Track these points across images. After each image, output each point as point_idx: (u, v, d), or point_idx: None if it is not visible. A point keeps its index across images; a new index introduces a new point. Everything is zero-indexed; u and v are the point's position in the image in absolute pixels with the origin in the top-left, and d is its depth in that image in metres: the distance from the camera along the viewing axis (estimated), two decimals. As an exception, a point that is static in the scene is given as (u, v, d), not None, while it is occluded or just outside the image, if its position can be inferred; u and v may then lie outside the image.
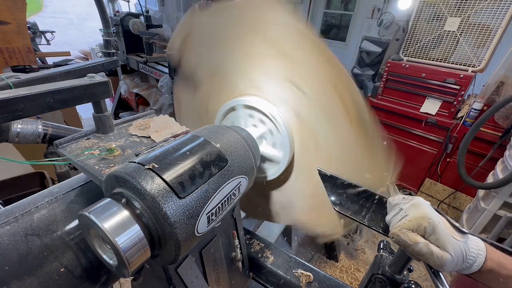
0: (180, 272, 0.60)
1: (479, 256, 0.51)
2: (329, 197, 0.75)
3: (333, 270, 2.35)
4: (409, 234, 0.52)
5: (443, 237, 0.50)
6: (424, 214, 0.52)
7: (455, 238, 0.51)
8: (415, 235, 0.51)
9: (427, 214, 0.52)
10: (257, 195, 1.02)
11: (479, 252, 0.51)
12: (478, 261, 0.51)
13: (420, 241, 0.51)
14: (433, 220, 0.51)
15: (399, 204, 0.58)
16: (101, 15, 1.65)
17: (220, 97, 0.94)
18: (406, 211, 0.55)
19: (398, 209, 0.57)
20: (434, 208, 0.55)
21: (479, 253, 0.51)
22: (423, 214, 0.52)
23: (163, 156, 0.51)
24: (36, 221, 0.54)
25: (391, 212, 0.59)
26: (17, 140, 1.04)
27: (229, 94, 0.91)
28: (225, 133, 0.66)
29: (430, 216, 0.52)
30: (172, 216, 0.44)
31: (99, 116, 0.70)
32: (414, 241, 0.51)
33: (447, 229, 0.51)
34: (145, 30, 3.55)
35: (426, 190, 2.97)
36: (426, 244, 0.50)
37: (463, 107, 2.75)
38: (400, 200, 0.60)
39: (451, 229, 0.52)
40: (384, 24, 4.63)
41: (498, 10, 2.27)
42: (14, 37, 2.17)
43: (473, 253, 0.51)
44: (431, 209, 0.54)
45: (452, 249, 0.49)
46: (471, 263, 0.51)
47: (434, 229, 0.50)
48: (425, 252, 0.50)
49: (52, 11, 10.46)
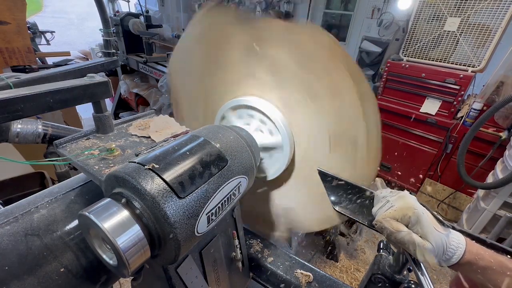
0: (180, 272, 0.60)
1: (459, 248, 0.53)
2: (329, 197, 0.75)
3: (333, 270, 2.35)
4: (392, 223, 0.54)
5: (426, 228, 0.52)
6: (410, 205, 0.54)
7: (438, 230, 0.53)
8: (398, 224, 0.54)
9: (412, 204, 0.54)
10: (258, 203, 1.02)
11: (459, 245, 0.53)
12: (458, 253, 0.53)
13: (403, 229, 0.53)
14: (418, 210, 0.53)
15: (386, 197, 0.61)
16: (101, 15, 1.65)
17: (220, 97, 0.94)
18: (392, 202, 0.57)
19: (385, 201, 0.59)
20: (420, 203, 0.57)
21: (459, 246, 0.53)
22: (409, 205, 0.54)
23: (163, 156, 0.51)
24: (36, 221, 0.54)
25: (378, 204, 0.61)
26: (17, 140, 1.04)
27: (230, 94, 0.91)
28: (225, 133, 0.66)
29: (415, 207, 0.54)
30: (172, 216, 0.44)
31: (99, 116, 0.70)
32: (397, 229, 0.53)
33: (431, 220, 0.53)
34: (145, 30, 3.55)
35: (426, 190, 2.98)
36: (408, 233, 0.52)
37: (463, 107, 2.75)
38: (388, 193, 0.62)
39: (434, 222, 0.54)
40: (384, 24, 4.63)
41: (498, 10, 2.27)
42: (14, 37, 2.17)
43: (453, 245, 0.53)
44: (417, 202, 0.56)
45: (434, 240, 0.51)
46: (451, 255, 0.53)
47: (418, 219, 0.52)
48: (407, 240, 0.52)
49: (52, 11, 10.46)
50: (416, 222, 0.53)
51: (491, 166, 2.41)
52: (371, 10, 5.34)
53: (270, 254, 0.91)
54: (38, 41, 4.39)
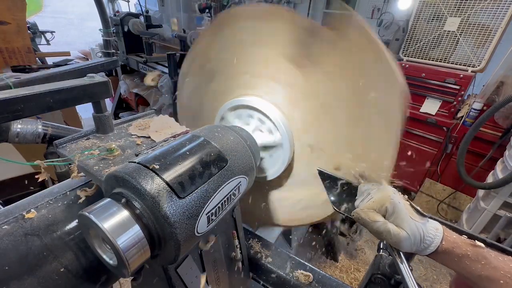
0: (180, 272, 0.60)
1: (436, 236, 0.54)
2: (328, 197, 0.75)
3: (333, 270, 2.35)
4: (369, 213, 0.56)
5: (401, 216, 0.53)
6: (387, 196, 0.56)
7: (414, 219, 0.54)
8: (375, 214, 0.55)
9: (389, 195, 0.56)
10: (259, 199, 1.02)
11: (436, 233, 0.54)
12: (435, 242, 0.54)
13: (379, 219, 0.55)
14: (394, 200, 0.55)
15: (368, 190, 0.63)
16: (101, 15, 1.65)
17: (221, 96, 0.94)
18: (372, 194, 0.59)
19: (367, 194, 0.61)
20: (402, 195, 0.59)
21: (437, 234, 0.54)
22: (386, 196, 0.56)
23: (163, 156, 0.51)
24: (36, 221, 0.54)
25: (360, 197, 0.63)
26: (17, 140, 1.04)
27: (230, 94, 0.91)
28: (225, 133, 0.66)
29: (392, 197, 0.56)
30: (172, 216, 0.44)
31: (99, 116, 0.70)
32: (373, 220, 0.55)
33: (407, 210, 0.55)
34: (145, 30, 3.55)
35: (426, 190, 2.97)
36: (384, 223, 0.54)
37: (463, 107, 2.75)
38: (370, 186, 0.64)
39: (411, 211, 0.56)
40: (384, 24, 4.63)
41: (498, 10, 2.27)
42: (14, 37, 2.16)
43: (431, 234, 0.54)
44: (395, 193, 0.58)
45: (409, 228, 0.53)
46: (429, 243, 0.54)
47: (394, 209, 0.54)
48: (383, 230, 0.54)
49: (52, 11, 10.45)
50: (392, 211, 0.54)
51: (491, 166, 2.41)
52: (371, 10, 5.34)
53: (270, 254, 0.91)
54: (38, 41, 4.38)
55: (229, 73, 0.93)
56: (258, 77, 0.86)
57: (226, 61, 0.91)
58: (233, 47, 0.90)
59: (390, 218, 0.55)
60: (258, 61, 0.85)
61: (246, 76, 0.88)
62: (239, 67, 0.89)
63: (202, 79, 1.01)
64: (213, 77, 0.97)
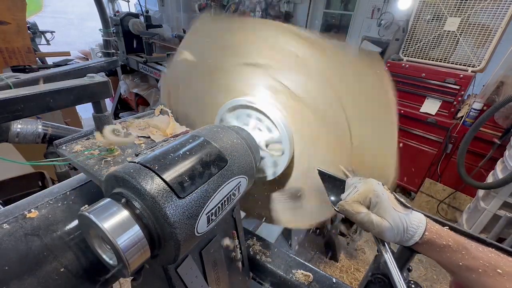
0: (180, 272, 0.60)
1: (420, 227, 0.55)
2: (328, 197, 0.75)
3: (333, 270, 2.35)
4: (353, 205, 0.57)
5: (383, 207, 0.55)
6: (371, 188, 0.58)
7: (397, 210, 0.55)
8: (358, 206, 0.57)
9: (373, 187, 0.58)
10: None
11: (419, 224, 0.55)
12: (419, 232, 0.55)
13: (362, 210, 0.56)
14: (377, 191, 0.56)
15: (354, 184, 0.64)
16: (101, 15, 1.65)
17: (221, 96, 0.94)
18: (358, 187, 0.61)
19: (353, 187, 0.62)
20: (385, 187, 0.60)
21: (420, 225, 0.55)
22: (370, 188, 0.58)
23: (163, 156, 0.51)
24: (36, 221, 0.54)
25: (347, 191, 0.64)
26: (17, 140, 1.05)
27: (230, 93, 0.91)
28: (225, 133, 0.66)
29: (375, 189, 0.57)
30: (172, 216, 0.44)
31: (99, 116, 0.70)
32: (357, 211, 0.57)
33: (391, 201, 0.56)
34: (145, 30, 3.55)
35: (426, 190, 2.97)
36: (367, 214, 0.56)
37: (463, 107, 2.75)
38: (356, 180, 0.65)
39: (395, 202, 0.57)
40: (384, 24, 4.63)
41: (498, 10, 2.28)
42: (14, 37, 2.16)
43: (414, 225, 0.55)
44: (379, 185, 0.59)
45: (391, 218, 0.54)
46: (412, 234, 0.55)
47: (378, 200, 0.56)
48: (366, 220, 0.55)
49: (52, 11, 10.44)
50: (376, 203, 0.56)
51: (491, 166, 2.41)
52: (371, 10, 5.35)
53: (270, 254, 0.91)
54: (38, 41, 4.38)
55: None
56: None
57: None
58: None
59: (373, 209, 0.56)
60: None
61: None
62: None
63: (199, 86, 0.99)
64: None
